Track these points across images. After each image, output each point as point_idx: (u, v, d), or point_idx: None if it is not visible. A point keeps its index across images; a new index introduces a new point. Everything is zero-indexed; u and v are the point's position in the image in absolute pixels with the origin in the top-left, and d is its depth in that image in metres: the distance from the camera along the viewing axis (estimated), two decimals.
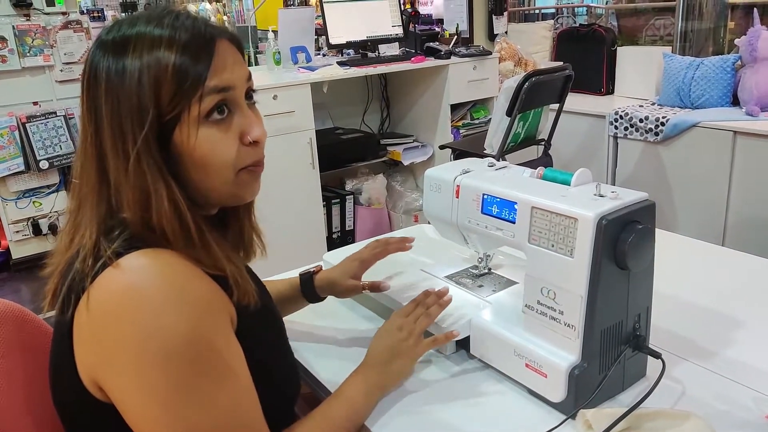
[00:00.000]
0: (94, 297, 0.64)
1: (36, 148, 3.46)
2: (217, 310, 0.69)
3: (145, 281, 0.64)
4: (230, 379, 0.67)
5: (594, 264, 0.79)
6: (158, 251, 0.67)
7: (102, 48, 0.69)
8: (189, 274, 0.68)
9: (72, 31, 3.55)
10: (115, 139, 0.68)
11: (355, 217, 3.30)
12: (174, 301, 0.64)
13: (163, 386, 0.63)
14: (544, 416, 0.85)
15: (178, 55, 0.67)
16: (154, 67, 0.67)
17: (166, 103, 0.67)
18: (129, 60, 0.67)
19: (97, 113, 0.68)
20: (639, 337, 0.87)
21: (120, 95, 0.67)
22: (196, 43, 0.68)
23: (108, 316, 0.64)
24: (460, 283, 1.09)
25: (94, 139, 0.69)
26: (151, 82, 0.66)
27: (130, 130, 0.67)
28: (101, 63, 0.68)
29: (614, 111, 3.11)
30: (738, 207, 2.70)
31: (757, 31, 2.76)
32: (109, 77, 0.67)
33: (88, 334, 0.65)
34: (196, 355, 0.64)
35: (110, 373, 0.65)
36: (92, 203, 0.70)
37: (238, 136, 0.72)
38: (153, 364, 0.63)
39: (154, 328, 0.63)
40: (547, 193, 0.86)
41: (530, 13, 4.76)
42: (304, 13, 3.12)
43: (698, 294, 1.16)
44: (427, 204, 1.08)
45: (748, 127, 2.61)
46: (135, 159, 0.67)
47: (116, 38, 0.69)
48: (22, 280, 3.51)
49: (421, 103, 3.35)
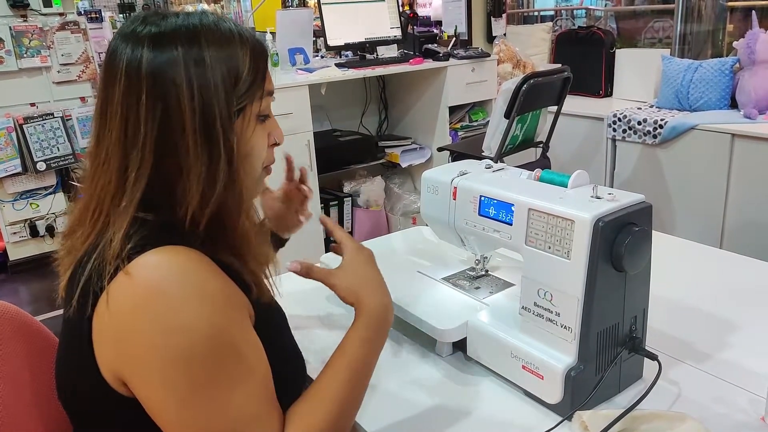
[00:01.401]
0: (115, 295, 0.65)
1: (33, 149, 3.45)
2: (236, 305, 0.71)
3: (165, 278, 0.65)
4: (247, 374, 0.68)
5: (591, 266, 0.79)
6: (175, 248, 0.67)
7: (159, 41, 0.69)
8: (208, 270, 0.68)
9: (69, 32, 3.55)
10: (201, 128, 0.69)
11: (353, 219, 3.30)
12: (194, 298, 0.65)
13: (184, 383, 0.64)
14: (540, 418, 0.85)
15: (250, 55, 0.73)
16: (233, 63, 0.71)
17: (240, 95, 0.72)
18: (205, 52, 0.70)
19: (169, 104, 0.68)
20: (635, 339, 0.87)
21: (203, 86, 0.69)
22: (260, 48, 0.76)
23: (130, 315, 0.64)
24: (458, 284, 1.08)
25: (157, 132, 0.69)
26: (232, 76, 0.71)
27: (219, 118, 0.69)
28: (168, 55, 0.68)
29: (613, 113, 3.12)
30: (736, 210, 2.70)
31: (756, 33, 2.77)
32: (187, 68, 0.68)
33: (110, 332, 0.66)
34: (217, 352, 0.66)
35: (133, 370, 0.66)
36: (131, 198, 0.69)
37: (267, 137, 0.79)
38: (175, 361, 0.64)
39: (175, 327, 0.64)
40: (544, 195, 0.86)
41: (529, 15, 4.77)
42: (302, 15, 3.12)
43: (695, 296, 1.16)
44: (424, 206, 1.08)
45: (746, 129, 2.61)
46: (223, 143, 0.70)
47: (178, 29, 0.70)
48: (19, 282, 3.51)
49: (419, 105, 3.35)
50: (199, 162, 0.69)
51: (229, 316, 0.68)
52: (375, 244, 1.33)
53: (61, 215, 3.67)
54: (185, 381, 0.64)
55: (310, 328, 1.12)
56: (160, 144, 0.69)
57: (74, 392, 0.74)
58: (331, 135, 3.25)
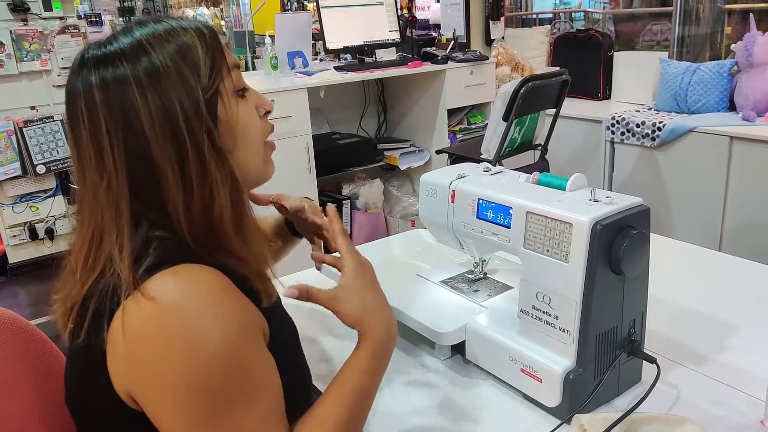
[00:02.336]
0: (131, 316, 0.63)
1: (33, 152, 3.45)
2: (252, 326, 0.70)
3: (183, 300, 0.64)
4: (260, 396, 0.67)
5: (589, 269, 0.79)
6: (191, 267, 0.66)
7: (105, 63, 0.68)
8: (225, 290, 0.67)
9: (69, 36, 3.55)
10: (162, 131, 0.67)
11: (352, 222, 3.30)
12: (213, 322, 0.64)
13: (197, 407, 0.63)
14: (539, 421, 0.85)
15: (198, 38, 0.71)
16: (186, 53, 0.69)
17: (206, 82, 0.70)
18: (156, 58, 0.67)
19: (130, 122, 0.66)
20: (634, 342, 0.87)
21: (162, 95, 0.67)
22: (203, 27, 0.73)
23: (146, 336, 0.63)
24: (456, 287, 1.09)
25: (123, 155, 0.67)
26: (190, 67, 0.69)
27: (180, 114, 0.67)
28: (117, 73, 0.67)
29: (611, 116, 3.12)
30: (734, 212, 2.70)
31: (754, 36, 2.77)
32: (139, 83, 0.66)
33: (124, 352, 0.64)
34: (233, 376, 0.65)
35: (146, 390, 0.64)
36: (120, 225, 0.67)
37: (255, 109, 0.77)
38: (190, 386, 0.63)
39: (193, 351, 0.63)
40: (542, 198, 0.86)
41: (527, 18, 4.77)
42: (301, 18, 3.12)
43: (694, 299, 1.16)
44: (423, 209, 1.08)
45: (744, 132, 2.62)
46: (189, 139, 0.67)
47: (122, 46, 0.68)
48: (19, 285, 3.50)
49: (417, 108, 3.36)
50: (168, 167, 0.67)
51: (246, 339, 0.67)
52: (374, 247, 1.34)
53: (61, 218, 3.67)
54: (199, 405, 0.63)
55: (312, 334, 1.12)
56: (132, 169, 0.68)
57: (85, 405, 0.73)
58: (329, 138, 3.25)
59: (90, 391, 0.70)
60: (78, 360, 0.72)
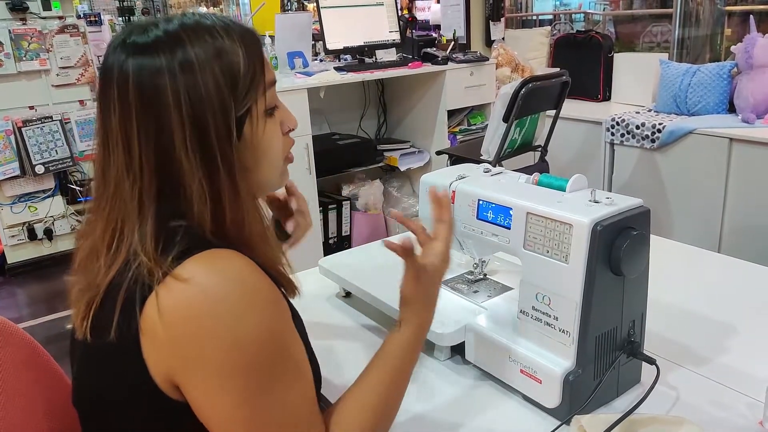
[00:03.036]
0: (166, 302, 0.62)
1: (32, 152, 3.45)
2: (284, 306, 0.71)
3: (221, 284, 0.63)
4: (299, 377, 0.69)
5: (589, 270, 0.79)
6: (225, 251, 0.66)
7: (143, 50, 0.66)
8: (256, 274, 0.67)
9: (68, 36, 3.55)
10: (193, 144, 0.66)
11: (351, 223, 3.30)
12: (250, 305, 0.64)
13: (243, 387, 0.64)
14: (538, 422, 0.85)
15: (241, 47, 0.68)
16: (226, 62, 0.67)
17: (242, 98, 0.68)
18: (190, 51, 0.65)
19: (161, 118, 0.65)
20: (633, 343, 0.87)
21: (192, 93, 0.65)
22: (249, 34, 0.70)
23: (188, 320, 0.62)
24: (456, 288, 1.08)
25: (154, 150, 0.66)
26: (227, 79, 0.66)
27: (213, 130, 0.66)
28: (152, 64, 0.65)
29: (611, 117, 3.12)
30: (734, 214, 2.71)
31: (754, 38, 2.77)
32: (172, 75, 0.65)
33: (164, 337, 0.63)
34: (273, 357, 0.66)
35: (190, 374, 0.64)
36: (145, 214, 0.66)
37: (280, 127, 0.76)
38: (236, 366, 0.63)
39: (234, 337, 0.63)
40: (542, 199, 0.86)
41: (527, 19, 4.78)
42: (301, 19, 3.12)
43: (693, 300, 1.16)
44: (422, 210, 1.08)
45: (744, 134, 2.62)
46: (221, 160, 0.67)
47: (161, 35, 0.66)
48: (17, 285, 3.50)
49: (418, 108, 3.36)
50: (196, 182, 0.66)
51: (282, 320, 0.68)
52: (373, 248, 1.34)
53: (60, 218, 3.67)
54: (244, 383, 0.64)
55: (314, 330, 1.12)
56: (159, 163, 0.66)
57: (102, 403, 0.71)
58: (329, 138, 3.25)
59: (112, 388, 0.69)
60: (99, 357, 0.69)
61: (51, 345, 0.94)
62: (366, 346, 1.06)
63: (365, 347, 1.06)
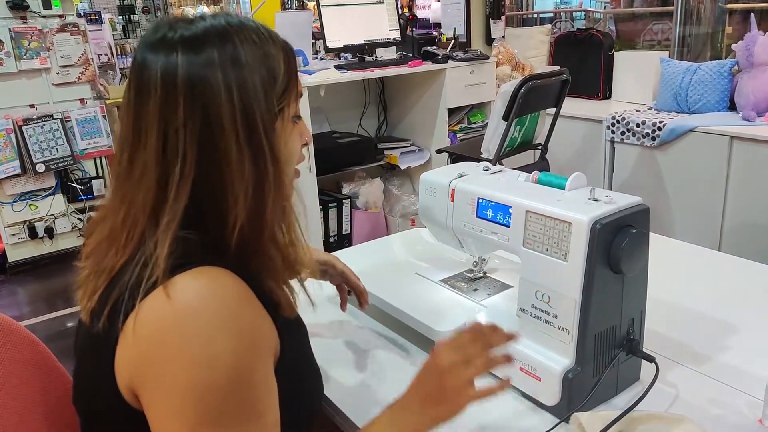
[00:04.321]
0: (145, 313, 0.62)
1: (32, 151, 3.45)
2: (263, 341, 0.68)
3: (199, 304, 0.63)
4: (255, 419, 0.66)
5: (588, 268, 0.79)
6: (215, 270, 0.65)
7: (192, 44, 0.66)
8: (244, 298, 0.66)
9: (69, 34, 3.55)
10: (244, 133, 0.66)
11: (351, 221, 3.30)
12: (225, 329, 0.63)
13: (192, 416, 0.62)
14: (537, 419, 0.85)
15: (283, 55, 0.71)
16: (269, 64, 0.69)
17: (278, 98, 0.70)
18: (240, 50, 0.67)
19: (209, 111, 0.65)
20: (633, 341, 0.87)
21: (242, 88, 0.66)
22: (289, 47, 0.74)
23: (157, 334, 0.62)
24: (455, 286, 1.09)
25: (200, 141, 0.66)
26: (270, 78, 0.69)
27: (261, 122, 0.67)
28: (203, 58, 0.66)
29: (611, 116, 3.12)
30: (734, 212, 2.70)
31: (754, 36, 2.77)
32: (224, 68, 0.66)
33: (133, 348, 0.63)
34: (233, 391, 0.63)
35: (147, 389, 0.64)
36: (173, 216, 0.66)
37: (299, 138, 0.78)
38: (191, 391, 0.62)
39: (202, 357, 0.62)
40: (541, 197, 0.86)
41: (528, 18, 4.77)
42: (301, 17, 3.12)
43: (693, 298, 1.16)
44: (422, 208, 1.08)
45: (744, 132, 2.62)
46: (268, 149, 0.68)
47: (208, 31, 0.67)
48: (18, 284, 3.50)
49: (418, 107, 3.35)
50: (246, 170, 0.66)
51: (254, 355, 0.66)
52: (373, 246, 1.34)
53: (60, 217, 3.67)
54: (196, 411, 0.62)
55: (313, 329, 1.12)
56: (202, 154, 0.66)
57: (91, 400, 0.73)
58: (330, 137, 3.25)
59: (96, 391, 0.70)
60: (92, 350, 0.70)
61: (51, 343, 0.94)
62: (365, 345, 1.07)
63: (364, 345, 1.06)
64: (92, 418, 0.75)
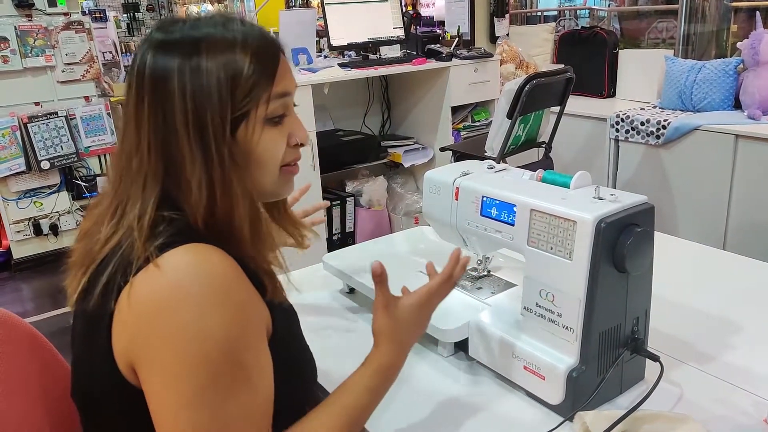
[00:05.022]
0: (139, 288, 0.65)
1: (37, 148, 3.46)
2: (255, 317, 0.71)
3: (192, 279, 0.65)
4: (248, 391, 0.68)
5: (593, 267, 0.78)
6: (205, 247, 0.68)
7: (164, 47, 0.71)
8: (234, 275, 0.69)
9: (74, 32, 3.55)
10: (194, 133, 0.70)
11: (355, 219, 3.30)
12: (217, 304, 0.65)
13: (185, 387, 0.64)
14: (542, 418, 0.85)
15: (251, 59, 0.72)
16: (231, 68, 0.71)
17: (239, 101, 0.71)
18: (203, 60, 0.70)
19: (166, 109, 0.70)
20: (637, 340, 0.86)
21: (196, 91, 0.70)
22: (265, 50, 0.74)
23: (151, 309, 0.64)
24: (459, 285, 1.08)
25: (160, 134, 0.70)
26: (228, 81, 0.70)
27: (210, 125, 0.70)
28: (169, 61, 0.70)
29: (615, 114, 3.11)
30: (739, 211, 2.70)
31: (760, 34, 2.76)
32: (182, 74, 0.70)
33: (128, 322, 0.66)
34: (226, 362, 0.66)
35: (143, 361, 0.66)
36: (148, 196, 0.71)
37: (286, 138, 0.78)
38: (184, 363, 0.64)
39: (194, 330, 0.64)
40: (546, 195, 0.86)
41: (532, 16, 4.76)
42: (305, 15, 3.12)
43: (698, 297, 1.16)
44: (426, 206, 1.08)
45: (749, 130, 2.61)
46: (215, 149, 0.70)
47: (183, 38, 0.72)
48: (22, 280, 3.52)
49: (422, 105, 3.35)
50: (196, 170, 0.70)
51: (246, 330, 0.68)
52: (377, 244, 1.34)
53: (65, 214, 3.68)
54: (190, 384, 0.64)
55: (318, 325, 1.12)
56: (163, 150, 0.71)
57: (89, 386, 0.74)
58: (333, 135, 3.25)
59: (93, 371, 0.71)
60: (87, 333, 0.72)
61: (56, 340, 0.94)
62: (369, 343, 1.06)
63: (368, 343, 1.06)
64: (90, 409, 0.76)
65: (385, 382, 0.79)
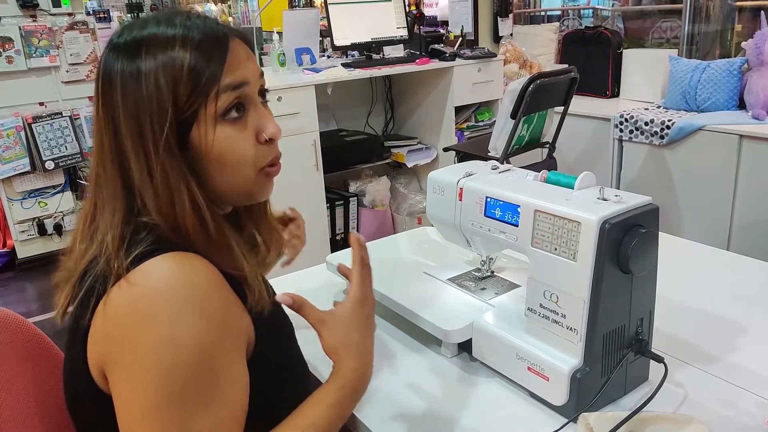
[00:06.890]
0: (114, 299, 0.64)
1: (42, 148, 3.47)
2: (233, 327, 0.69)
3: (167, 287, 0.64)
4: (217, 405, 0.66)
5: (597, 268, 0.78)
6: (185, 255, 0.66)
7: (114, 51, 0.69)
8: (212, 283, 0.67)
9: (78, 32, 3.56)
10: (135, 142, 0.68)
11: (358, 219, 3.30)
12: (190, 311, 0.64)
13: (154, 396, 0.62)
14: (545, 420, 0.85)
15: (193, 53, 0.68)
16: (170, 68, 0.67)
17: (183, 101, 0.67)
18: (143, 62, 0.67)
19: (114, 117, 0.68)
20: (641, 341, 0.86)
21: (137, 98, 0.67)
22: (209, 42, 0.69)
23: (124, 316, 0.63)
24: (463, 285, 1.08)
25: (113, 143, 0.69)
26: (168, 82, 0.67)
27: (150, 131, 0.67)
28: (115, 66, 0.68)
29: (619, 114, 3.11)
30: (743, 211, 2.69)
31: (764, 34, 2.75)
32: (124, 81, 0.68)
33: (102, 330, 0.65)
34: (197, 373, 0.64)
35: (113, 367, 0.65)
36: (113, 207, 0.69)
37: (254, 134, 0.73)
38: (153, 372, 0.62)
39: (166, 339, 0.62)
40: (550, 196, 0.86)
41: (536, 15, 4.76)
42: (308, 15, 3.12)
43: (702, 298, 1.16)
44: (430, 206, 1.08)
45: (754, 130, 2.60)
46: (156, 159, 0.67)
47: (128, 41, 0.69)
48: (27, 280, 3.52)
49: (425, 105, 3.35)
50: (144, 180, 0.68)
51: (221, 340, 0.66)
52: (380, 245, 1.34)
53: (69, 213, 3.69)
54: (158, 392, 0.62)
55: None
56: (118, 160, 0.69)
57: (74, 397, 0.74)
58: (337, 135, 3.25)
59: (75, 383, 0.72)
60: (69, 342, 0.72)
61: (60, 340, 0.94)
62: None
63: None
64: (76, 416, 0.76)
65: (353, 393, 0.76)
